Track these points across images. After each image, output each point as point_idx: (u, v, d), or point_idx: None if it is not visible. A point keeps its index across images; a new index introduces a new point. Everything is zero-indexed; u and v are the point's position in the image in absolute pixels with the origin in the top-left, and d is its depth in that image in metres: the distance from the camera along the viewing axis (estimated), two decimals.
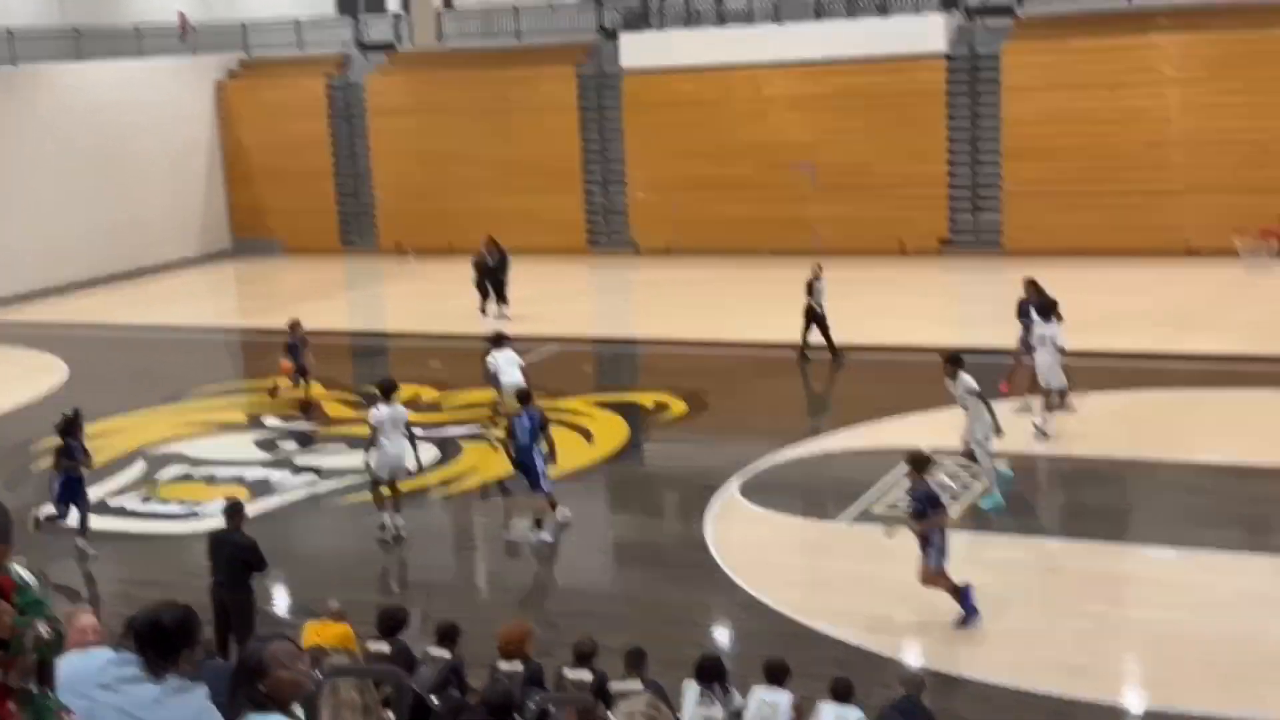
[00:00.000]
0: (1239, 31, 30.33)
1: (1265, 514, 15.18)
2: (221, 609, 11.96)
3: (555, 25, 38.01)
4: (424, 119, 37.70)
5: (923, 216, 32.84)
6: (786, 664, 9.72)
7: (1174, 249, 30.21)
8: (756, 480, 16.93)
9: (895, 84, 32.79)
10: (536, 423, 15.28)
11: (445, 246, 36.70)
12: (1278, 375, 20.59)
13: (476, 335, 26.79)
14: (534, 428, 15.28)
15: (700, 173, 34.59)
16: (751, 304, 28.78)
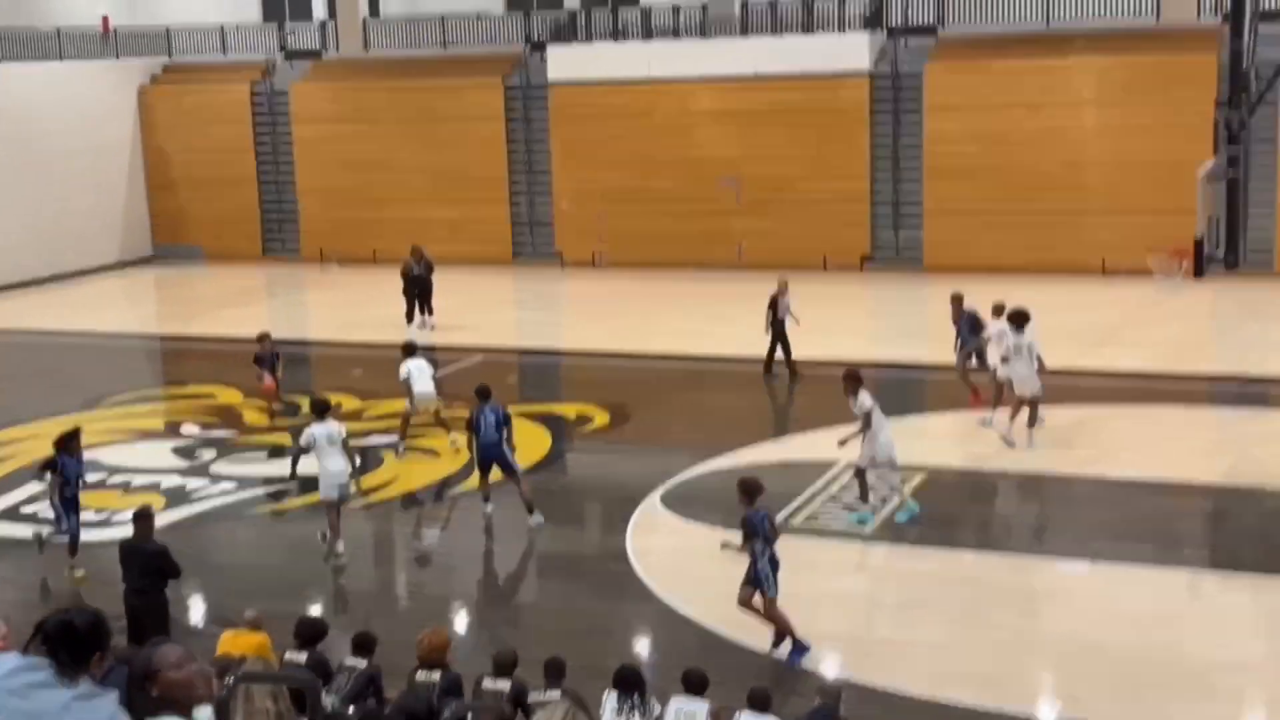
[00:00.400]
0: (1154, 55, 30.95)
1: (1176, 529, 15.49)
2: (134, 616, 11.84)
3: (482, 36, 38.02)
4: (349, 127, 37.53)
5: (846, 233, 33.16)
6: (705, 674, 9.80)
7: (1091, 268, 30.76)
8: (678, 492, 17.01)
9: (820, 101, 33.12)
10: (500, 417, 15.81)
11: (369, 255, 36.57)
12: (1188, 392, 21.04)
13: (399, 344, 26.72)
14: (499, 422, 15.80)
15: (626, 185, 34.72)
16: (675, 317, 28.92)
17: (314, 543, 15.66)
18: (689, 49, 34.45)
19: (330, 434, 14.88)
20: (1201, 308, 27.11)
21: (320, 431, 14.88)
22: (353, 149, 37.47)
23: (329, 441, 14.81)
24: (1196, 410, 20.37)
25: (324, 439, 14.82)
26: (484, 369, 24.49)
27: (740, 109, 33.72)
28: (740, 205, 33.65)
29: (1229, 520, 15.70)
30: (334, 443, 14.84)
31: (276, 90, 38.74)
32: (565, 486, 18.31)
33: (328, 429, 14.93)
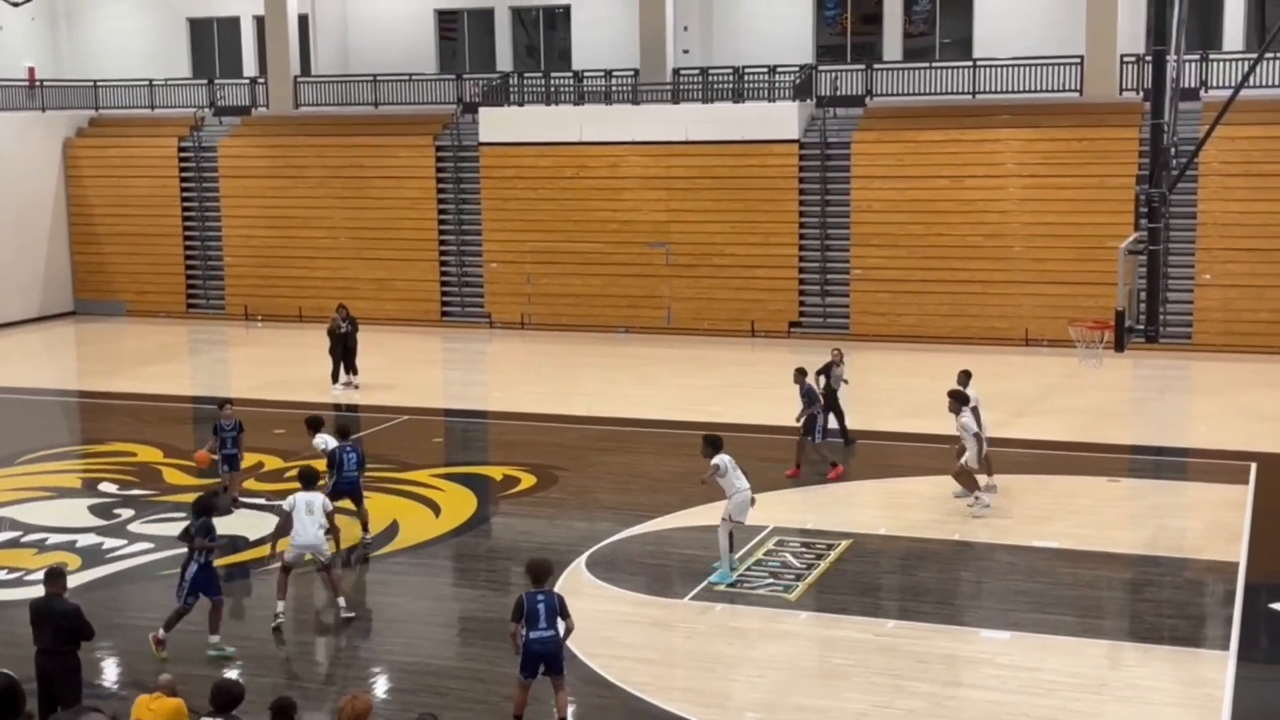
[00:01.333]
0: (1077, 129, 31.63)
1: (1095, 598, 15.63)
2: (45, 679, 11.57)
3: (414, 96, 38.09)
4: (278, 183, 37.42)
5: (774, 298, 33.44)
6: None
7: (1014, 338, 31.20)
8: (603, 556, 16.96)
9: (749, 168, 33.48)
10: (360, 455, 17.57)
11: (295, 313, 36.39)
12: (1108, 463, 21.31)
13: (322, 404, 26.51)
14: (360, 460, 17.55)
15: (555, 247, 34.84)
16: (603, 379, 28.95)
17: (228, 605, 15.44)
18: (620, 114, 34.71)
19: (310, 503, 15.10)
20: (1122, 380, 27.54)
21: (302, 500, 15.13)
22: (281, 205, 37.34)
23: (307, 510, 15.03)
24: (1115, 481, 20.61)
25: (304, 507, 15.05)
26: (409, 429, 24.36)
27: (670, 174, 34.00)
28: (668, 269, 33.84)
29: (1148, 590, 15.86)
30: (312, 512, 15.04)
31: (205, 145, 38.54)
32: (490, 549, 18.18)
33: (309, 498, 15.17)
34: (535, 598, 11.50)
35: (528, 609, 11.44)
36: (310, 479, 15.66)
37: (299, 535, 15.00)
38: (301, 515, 15.03)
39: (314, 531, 15.05)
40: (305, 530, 14.99)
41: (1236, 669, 13.30)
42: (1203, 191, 30.54)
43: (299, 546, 15.03)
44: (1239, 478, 19.96)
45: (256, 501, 19.68)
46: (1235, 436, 22.77)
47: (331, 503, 15.68)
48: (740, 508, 15.92)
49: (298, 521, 15.02)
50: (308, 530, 15.00)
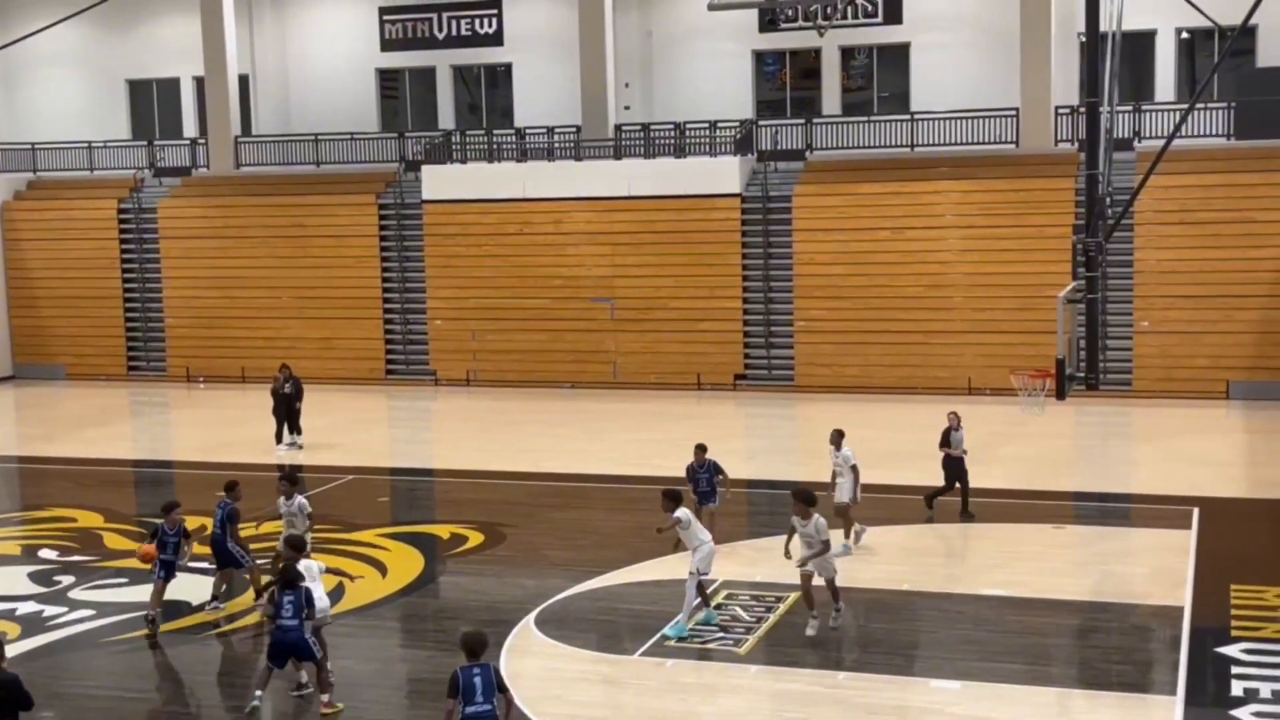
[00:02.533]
0: (1014, 181, 32.07)
1: (1043, 645, 15.69)
2: None
3: (356, 154, 38.11)
4: (219, 244, 37.27)
5: (719, 351, 33.57)
6: None
7: (956, 387, 31.45)
8: (552, 613, 16.86)
9: (692, 222, 33.70)
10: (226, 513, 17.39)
11: (238, 374, 36.16)
12: (1048, 510, 21.46)
13: (266, 465, 26.28)
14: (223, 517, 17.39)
15: (500, 303, 34.86)
16: (550, 435, 28.88)
17: (172, 672, 15.24)
18: (563, 170, 34.87)
19: (308, 568, 14.83)
20: (1064, 427, 27.79)
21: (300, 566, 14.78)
22: (222, 266, 37.16)
23: (310, 577, 14.71)
24: (1060, 529, 20.74)
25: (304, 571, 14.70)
26: (355, 489, 24.18)
27: (614, 229, 34.15)
28: (613, 324, 33.92)
29: (1095, 637, 15.94)
30: (314, 578, 14.80)
31: (144, 207, 38.35)
32: (438, 609, 18.02)
33: (306, 564, 14.90)
34: (471, 672, 11.25)
35: (463, 684, 11.22)
36: (299, 546, 15.33)
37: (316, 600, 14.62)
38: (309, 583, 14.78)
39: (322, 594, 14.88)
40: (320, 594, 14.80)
41: (1184, 714, 13.37)
42: (1139, 240, 31.01)
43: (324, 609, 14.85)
44: (1182, 522, 20.15)
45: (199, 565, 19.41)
46: (1177, 482, 23.00)
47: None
48: (706, 560, 15.90)
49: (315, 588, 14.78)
50: (320, 593, 14.83)
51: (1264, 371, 30.01)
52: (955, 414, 21.37)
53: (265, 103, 41.34)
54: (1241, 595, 16.81)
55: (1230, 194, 30.73)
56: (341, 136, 38.45)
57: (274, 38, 41.30)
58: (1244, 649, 14.96)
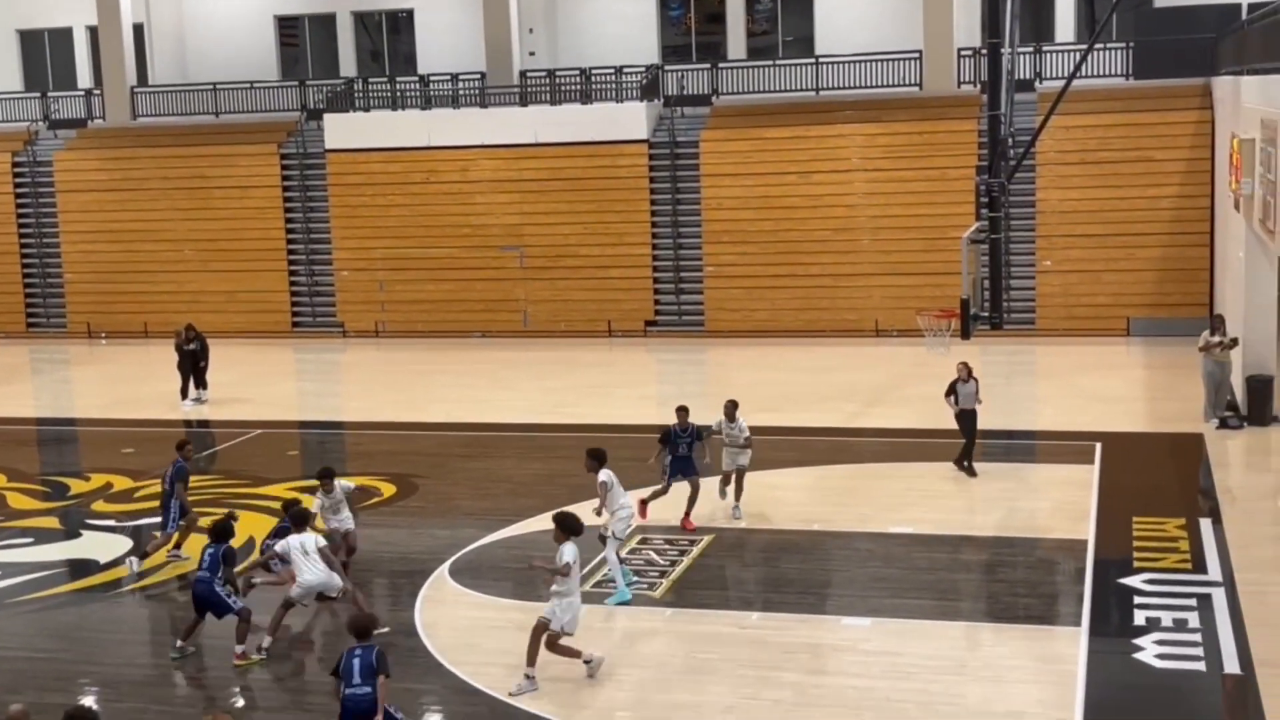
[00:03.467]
0: (918, 123, 32.28)
1: (951, 581, 15.96)
2: None
3: (256, 104, 37.47)
4: (117, 197, 36.54)
5: (629, 298, 33.56)
6: None
7: (864, 329, 31.75)
8: (466, 563, 16.86)
9: (600, 169, 33.56)
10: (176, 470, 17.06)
11: (141, 329, 35.60)
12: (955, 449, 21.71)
13: (172, 421, 25.97)
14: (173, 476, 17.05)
15: (407, 253, 34.55)
16: (460, 385, 28.76)
17: (82, 631, 15.06)
18: (468, 118, 34.55)
19: (304, 544, 14.56)
20: None
21: (295, 542, 14.59)
22: (122, 219, 36.47)
23: (302, 552, 14.49)
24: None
25: (298, 550, 14.52)
26: (263, 443, 23.95)
27: (521, 177, 33.93)
28: (523, 272, 33.79)
29: (1002, 571, 16.24)
30: (307, 553, 14.50)
31: (39, 160, 37.48)
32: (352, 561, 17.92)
33: (302, 539, 14.61)
34: (352, 654, 11.26)
35: (343, 666, 11.25)
36: (302, 520, 14.93)
37: (306, 575, 14.42)
38: (298, 558, 14.47)
39: (321, 568, 14.48)
40: (312, 570, 14.44)
41: (1089, 643, 13.69)
42: (1041, 180, 31.40)
43: (308, 587, 14.49)
44: (1085, 458, 20.55)
45: (106, 524, 19.18)
46: (1080, 418, 23.45)
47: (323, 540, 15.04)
48: (624, 525, 15.67)
49: (298, 564, 14.48)
50: (314, 569, 14.45)
51: (1163, 308, 30.59)
52: (965, 365, 20.14)
53: (161, 52, 40.45)
54: (1143, 527, 17.21)
55: (1129, 133, 31.18)
56: (241, 85, 37.77)
57: None
58: (1146, 579, 15.33)
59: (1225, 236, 26.48)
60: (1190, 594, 14.88)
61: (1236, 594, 14.77)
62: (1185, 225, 30.65)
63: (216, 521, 14.51)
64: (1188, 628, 13.98)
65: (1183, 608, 14.48)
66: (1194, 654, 13.33)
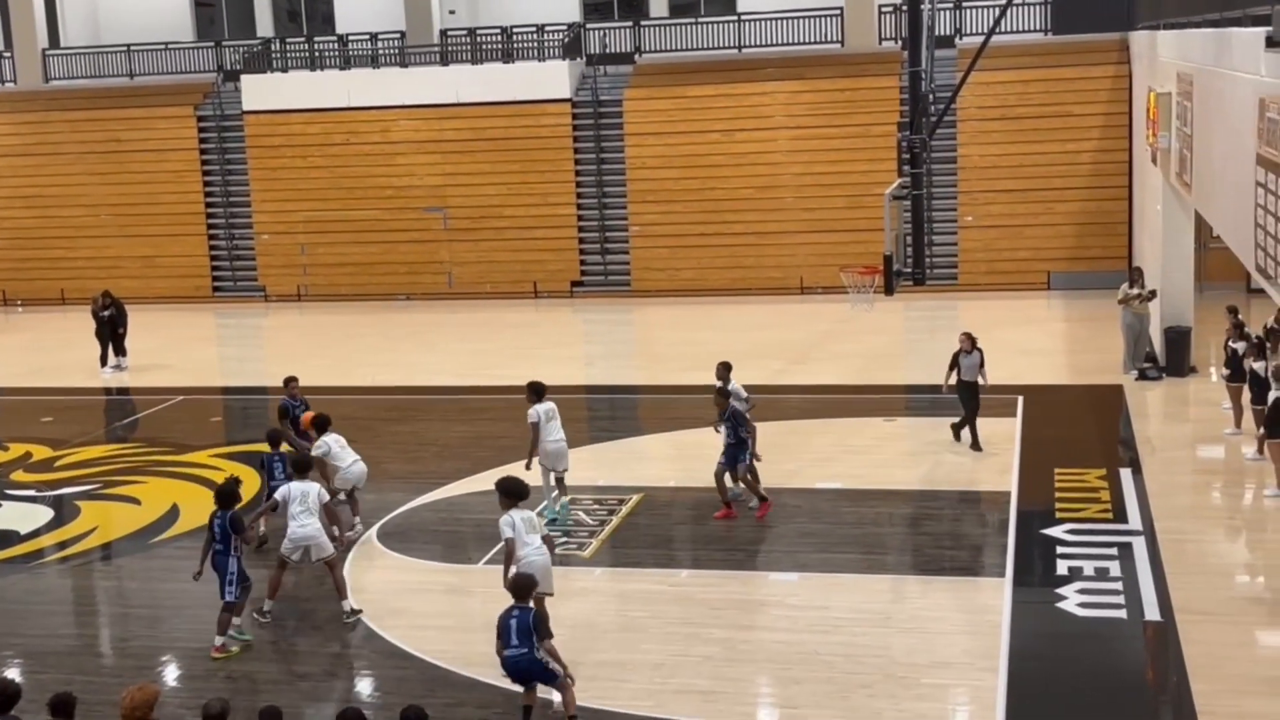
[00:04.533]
0: (840, 80, 32.34)
1: (876, 535, 16.12)
2: None
3: (172, 66, 36.84)
4: (30, 162, 35.85)
5: (555, 259, 33.45)
6: (424, 711, 9.63)
7: (789, 287, 31.87)
8: (395, 526, 16.79)
9: (523, 128, 33.35)
10: None
11: (58, 295, 35.03)
12: (880, 404, 21.97)
13: (91, 389, 25.60)
14: None
15: (329, 216, 34.22)
16: (385, 348, 28.56)
17: (3, 603, 14.86)
18: (388, 78, 34.19)
19: (305, 493, 13.95)
20: (893, 322, 28.39)
21: (297, 489, 14.00)
22: (35, 184, 35.80)
23: (301, 501, 13.89)
24: (892, 421, 21.25)
25: (298, 496, 13.92)
26: (185, 410, 23.67)
27: (442, 137, 33.66)
28: (446, 233, 33.57)
29: (927, 524, 16.42)
30: (306, 503, 13.89)
31: None
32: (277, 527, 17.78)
33: (304, 487, 14.02)
34: (510, 614, 11.18)
35: (502, 625, 11.18)
36: (303, 467, 14.45)
37: (297, 528, 13.87)
38: (295, 508, 13.88)
39: (314, 524, 13.89)
40: (304, 522, 13.86)
41: (1013, 594, 13.90)
42: (962, 136, 31.61)
43: (296, 540, 13.89)
44: (1007, 411, 20.79)
45: (26, 494, 18.90)
46: (1002, 371, 23.56)
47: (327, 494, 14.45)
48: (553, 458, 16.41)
49: (293, 514, 13.89)
50: (306, 522, 13.87)
51: (1082, 262, 30.96)
52: (967, 336, 19.41)
53: (73, 13, 39.61)
54: (1065, 478, 17.47)
55: (1048, 89, 31.44)
56: (155, 47, 37.09)
57: None
58: (1068, 530, 15.57)
59: (1143, 190, 26.81)
60: (1111, 543, 15.13)
61: (1156, 543, 15.04)
62: (1104, 180, 31.00)
63: (220, 486, 13.86)
64: (1109, 576, 14.22)
65: (1104, 557, 14.73)
66: (1115, 602, 13.57)
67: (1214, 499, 17.32)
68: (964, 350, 19.29)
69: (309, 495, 13.97)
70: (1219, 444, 19.16)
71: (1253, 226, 12.25)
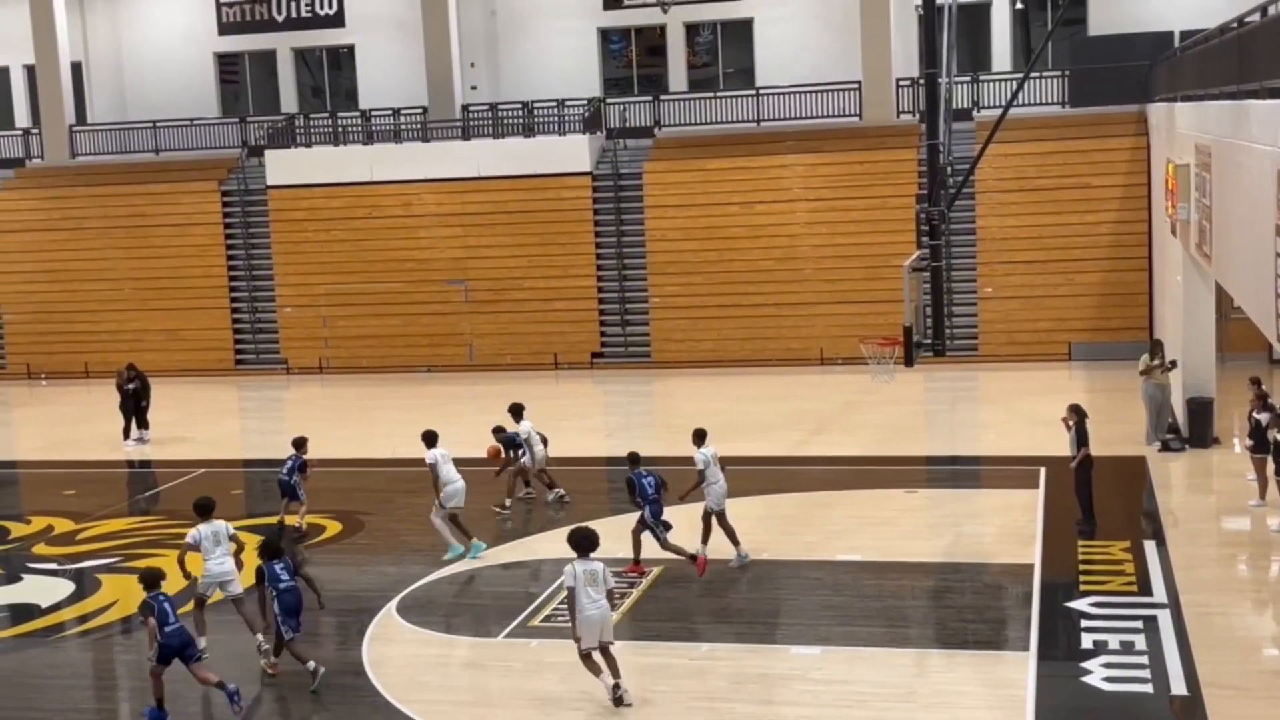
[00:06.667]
0: (858, 153, 32.54)
1: (898, 608, 16.00)
2: None
3: (197, 141, 37.29)
4: (56, 236, 36.22)
5: (575, 330, 33.55)
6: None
7: (809, 358, 31.88)
8: (414, 599, 16.74)
9: (543, 201, 33.59)
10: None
11: (82, 369, 35.24)
12: (901, 475, 21.88)
13: (114, 461, 25.69)
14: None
15: (350, 289, 34.42)
16: (406, 420, 28.56)
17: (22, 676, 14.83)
18: (411, 152, 34.52)
19: (216, 532, 15.07)
20: (914, 393, 28.34)
21: (206, 530, 15.07)
22: (60, 259, 36.14)
23: (214, 540, 15.01)
24: (913, 492, 21.16)
25: (209, 537, 15.03)
26: (207, 483, 23.70)
27: (464, 210, 33.92)
28: (468, 306, 33.72)
29: (950, 597, 16.30)
30: (219, 541, 15.03)
31: None
32: None
33: (214, 527, 15.12)
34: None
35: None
36: (205, 509, 15.34)
37: (214, 565, 14.90)
38: (209, 546, 14.96)
39: (229, 561, 15.01)
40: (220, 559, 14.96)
41: (1037, 668, 13.76)
42: (980, 207, 31.70)
43: (212, 576, 14.97)
44: (1029, 482, 20.69)
45: (47, 567, 18.92)
46: (1023, 442, 23.60)
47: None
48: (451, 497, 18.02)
49: (206, 553, 14.95)
50: (222, 559, 14.97)
51: (1103, 332, 30.92)
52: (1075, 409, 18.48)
53: (100, 90, 40.19)
54: (1088, 550, 17.34)
55: (1066, 160, 31.56)
56: (181, 123, 37.56)
57: (107, 22, 40.14)
58: (1092, 603, 15.43)
59: (1163, 261, 26.80)
60: (1136, 616, 14.99)
61: (1182, 616, 14.90)
62: (1124, 250, 31.02)
63: (265, 540, 14.82)
64: (1135, 650, 14.07)
65: (1129, 630, 14.59)
66: (1141, 676, 13.42)
67: (1240, 571, 17.17)
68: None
69: (220, 533, 15.09)
70: (1244, 515, 19.02)
71: (1273, 297, 12.23)
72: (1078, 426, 18.44)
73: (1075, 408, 18.69)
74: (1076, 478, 18.46)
